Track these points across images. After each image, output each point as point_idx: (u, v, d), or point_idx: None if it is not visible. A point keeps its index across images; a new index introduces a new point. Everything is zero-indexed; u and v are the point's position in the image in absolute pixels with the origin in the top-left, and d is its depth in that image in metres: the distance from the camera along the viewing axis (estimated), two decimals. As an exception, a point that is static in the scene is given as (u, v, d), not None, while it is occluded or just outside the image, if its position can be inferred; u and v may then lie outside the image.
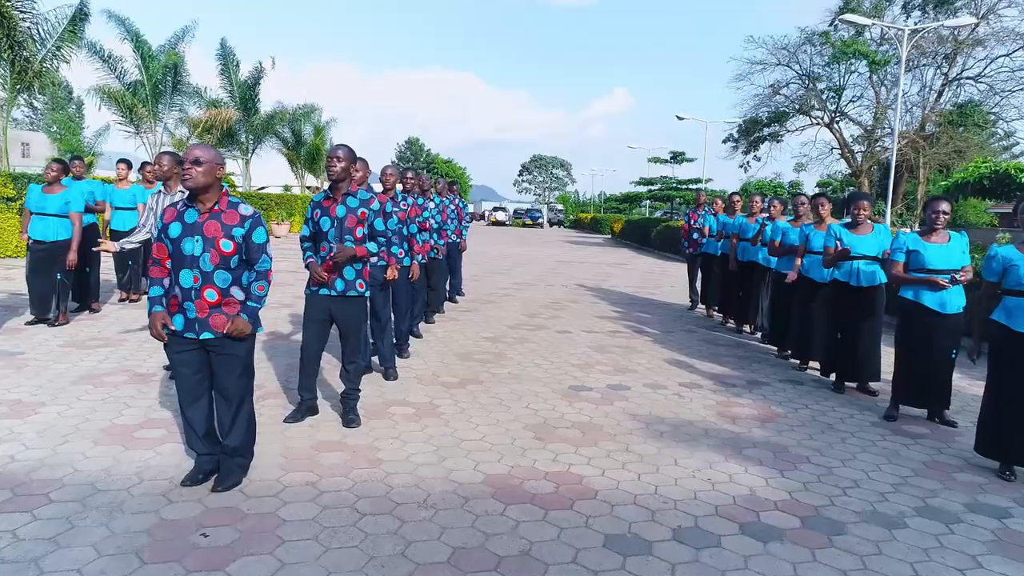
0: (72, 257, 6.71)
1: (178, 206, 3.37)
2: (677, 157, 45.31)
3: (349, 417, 4.43)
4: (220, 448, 3.45)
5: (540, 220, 57.05)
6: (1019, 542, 3.26)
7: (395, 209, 5.74)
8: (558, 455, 4.10)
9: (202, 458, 3.49)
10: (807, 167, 41.33)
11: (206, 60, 26.59)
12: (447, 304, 9.88)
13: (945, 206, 4.91)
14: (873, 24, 21.78)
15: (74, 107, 49.84)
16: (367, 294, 4.46)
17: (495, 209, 62.85)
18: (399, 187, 6.39)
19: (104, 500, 3.21)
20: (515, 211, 60.21)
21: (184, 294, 3.27)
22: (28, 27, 14.26)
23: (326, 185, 7.90)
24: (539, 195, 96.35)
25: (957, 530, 3.34)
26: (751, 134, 37.90)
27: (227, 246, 3.27)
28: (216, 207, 3.31)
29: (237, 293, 3.34)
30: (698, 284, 10.66)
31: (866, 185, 35.00)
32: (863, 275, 5.72)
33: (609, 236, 38.94)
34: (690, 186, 43.62)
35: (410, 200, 5.98)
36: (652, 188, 46.98)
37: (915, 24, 27.78)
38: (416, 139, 75.80)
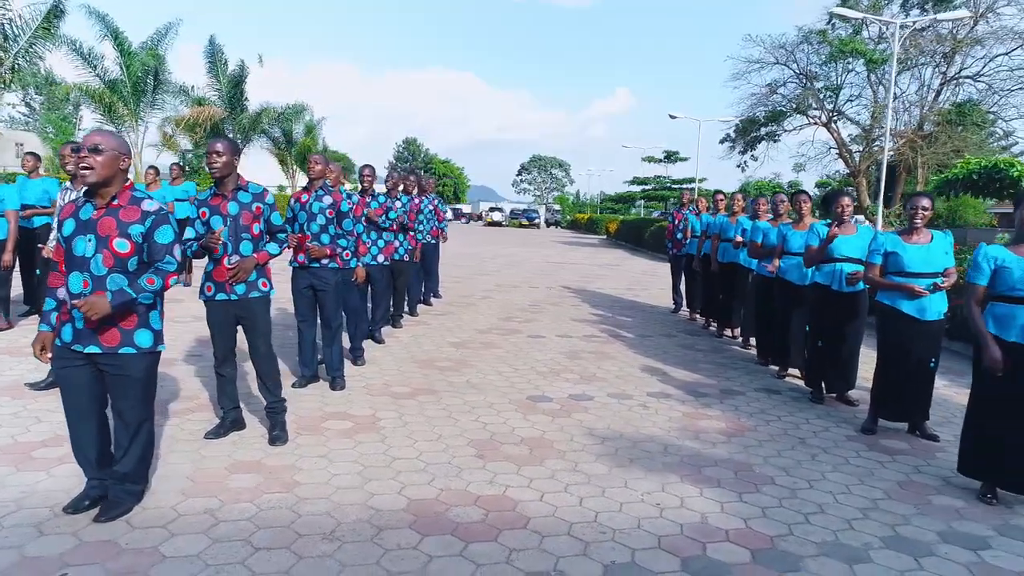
0: (7, 258, 6.37)
1: (78, 202, 3.03)
2: (671, 156, 44.91)
3: (274, 434, 4.08)
4: (109, 473, 3.10)
5: (537, 220, 56.62)
6: (996, 580, 2.91)
7: (349, 208, 5.41)
8: (497, 476, 3.75)
9: (91, 483, 3.14)
10: (805, 167, 40.94)
11: (199, 58, 26.26)
12: (421, 307, 9.53)
13: (926, 202, 4.55)
14: (864, 18, 21.33)
15: (71, 107, 49.50)
16: (272, 293, 4.10)
17: (491, 209, 62.12)
18: (346, 185, 6.07)
19: (-31, 532, 2.86)
20: (512, 211, 59.81)
21: (73, 300, 2.92)
22: (-1, 23, 13.90)
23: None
24: (538, 195, 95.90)
25: (927, 565, 2.98)
26: (748, 134, 37.50)
27: (123, 246, 2.92)
28: (115, 202, 2.96)
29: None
30: (683, 286, 10.31)
31: (864, 185, 34.59)
32: (846, 278, 5.35)
33: (605, 236, 38.57)
34: (684, 186, 43.30)
35: (355, 198, 5.62)
36: (646, 188, 46.60)
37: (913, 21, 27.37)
38: (414, 139, 75.69)
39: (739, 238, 7.57)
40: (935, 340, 4.59)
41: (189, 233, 4.03)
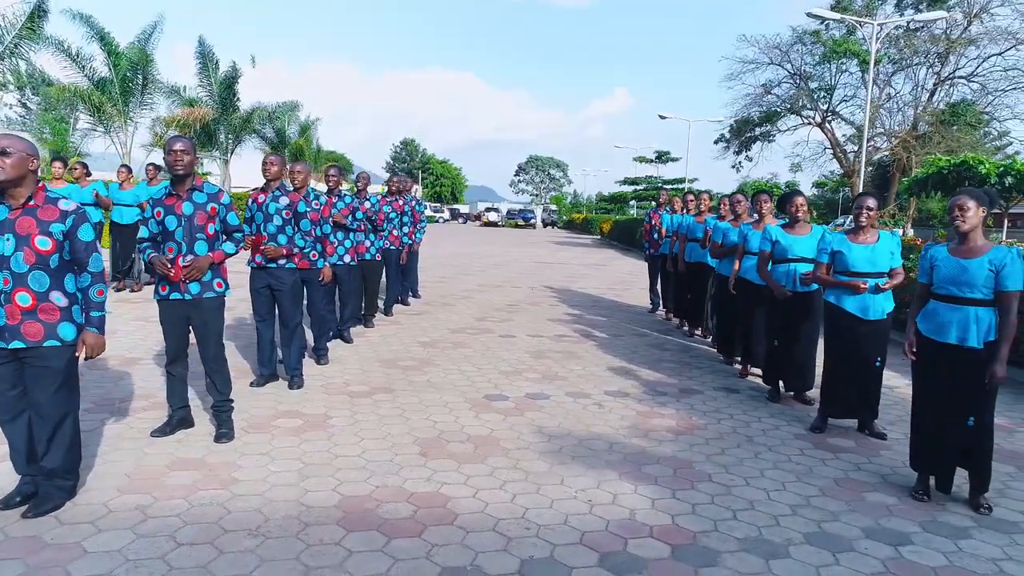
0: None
1: None
2: (662, 157, 45.06)
3: (221, 431, 4.12)
4: (37, 469, 3.15)
5: (533, 221, 56.71)
6: (908, 575, 2.95)
7: (308, 209, 5.46)
8: (436, 473, 3.79)
9: (24, 479, 3.20)
10: (802, 167, 41.01)
11: (192, 60, 26.25)
12: (398, 307, 9.58)
13: (871, 202, 4.60)
14: (842, 19, 21.44)
15: (67, 108, 49.57)
16: (228, 293, 4.14)
17: (487, 209, 62.22)
18: (313, 185, 6.09)
19: (-102, 528, 2.91)
20: (508, 212, 59.97)
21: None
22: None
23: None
24: (535, 196, 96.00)
25: (843, 560, 3.03)
26: (742, 134, 37.60)
27: (44, 244, 2.99)
28: (31, 202, 3.03)
29: (58, 299, 3.05)
30: (659, 286, 10.35)
31: (859, 185, 34.62)
32: (800, 278, 5.40)
33: (599, 236, 38.62)
34: (675, 186, 43.40)
35: (323, 199, 5.67)
36: (637, 188, 46.77)
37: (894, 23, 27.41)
38: (411, 140, 75.78)
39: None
40: (880, 339, 4.63)
41: (143, 233, 4.08)
